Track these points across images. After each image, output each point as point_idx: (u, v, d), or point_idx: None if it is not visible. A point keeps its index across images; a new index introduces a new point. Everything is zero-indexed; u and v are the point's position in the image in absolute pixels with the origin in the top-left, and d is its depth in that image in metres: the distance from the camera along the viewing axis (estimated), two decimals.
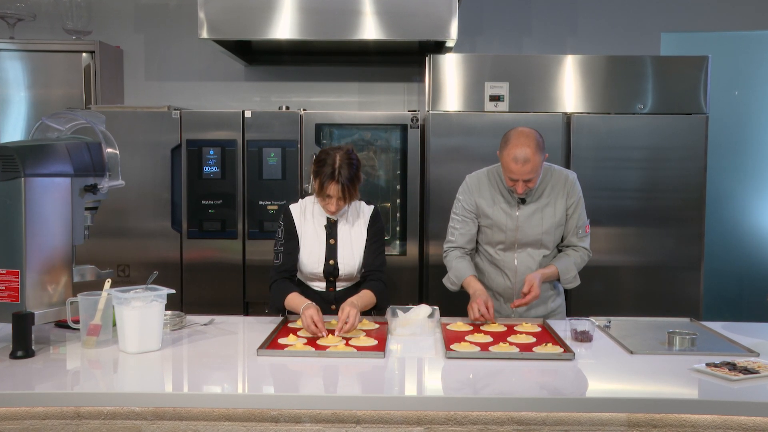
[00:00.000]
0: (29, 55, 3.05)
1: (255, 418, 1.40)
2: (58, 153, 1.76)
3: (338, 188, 1.93)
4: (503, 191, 2.10)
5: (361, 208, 2.09)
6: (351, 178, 1.94)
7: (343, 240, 2.04)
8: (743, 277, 3.63)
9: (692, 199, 2.74)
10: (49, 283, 1.74)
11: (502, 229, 2.09)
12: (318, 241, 2.04)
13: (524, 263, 2.10)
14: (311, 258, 2.03)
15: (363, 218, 2.06)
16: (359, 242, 2.05)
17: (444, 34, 2.70)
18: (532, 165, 1.95)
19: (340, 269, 2.03)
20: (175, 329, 1.91)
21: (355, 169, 1.96)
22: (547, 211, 2.08)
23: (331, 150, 1.98)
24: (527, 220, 2.08)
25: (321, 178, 1.95)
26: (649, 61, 2.76)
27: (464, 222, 2.13)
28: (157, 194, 2.85)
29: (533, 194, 2.08)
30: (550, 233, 2.09)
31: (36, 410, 1.41)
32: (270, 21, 2.72)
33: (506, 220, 2.08)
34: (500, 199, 2.10)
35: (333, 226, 2.05)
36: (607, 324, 1.97)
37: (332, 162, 1.93)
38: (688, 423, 1.39)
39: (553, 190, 2.10)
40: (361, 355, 1.67)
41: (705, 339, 1.86)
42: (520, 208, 2.08)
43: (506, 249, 2.11)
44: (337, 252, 2.03)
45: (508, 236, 2.09)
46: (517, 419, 1.39)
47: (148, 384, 1.56)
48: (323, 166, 1.94)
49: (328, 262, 2.03)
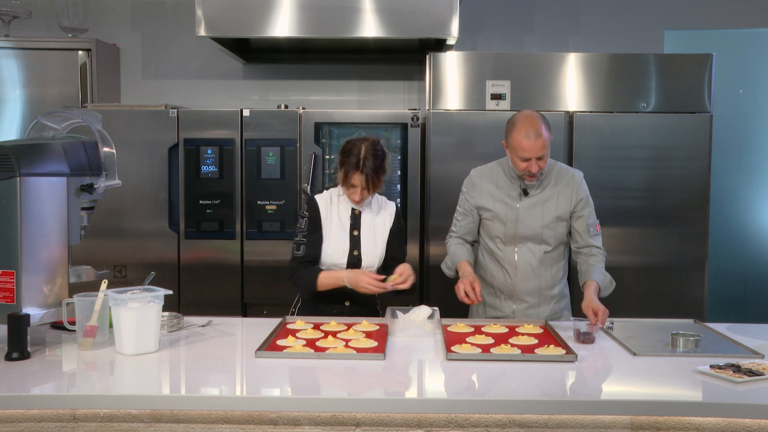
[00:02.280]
0: (25, 53, 3.03)
1: (253, 421, 1.39)
2: (54, 152, 1.74)
3: (362, 178, 1.98)
4: (507, 183, 2.10)
5: (383, 202, 2.14)
6: (375, 169, 1.99)
7: (366, 231, 2.07)
8: (748, 278, 3.62)
9: (696, 198, 2.73)
10: (45, 284, 1.72)
11: (502, 221, 2.09)
12: (343, 231, 2.07)
13: (524, 258, 2.09)
14: (336, 248, 2.05)
15: (387, 212, 2.11)
16: (382, 235, 2.09)
17: (445, 31, 2.69)
18: (543, 141, 1.97)
19: (363, 260, 2.05)
20: (172, 331, 1.90)
21: (380, 161, 2.00)
22: (549, 205, 2.06)
23: (358, 141, 2.03)
24: (528, 212, 2.07)
25: (346, 168, 2.00)
26: (652, 59, 2.75)
27: (465, 216, 2.17)
28: (155, 194, 2.84)
29: (536, 186, 2.07)
30: (551, 228, 2.07)
31: (32, 413, 1.40)
32: (268, 18, 2.70)
33: (507, 212, 2.08)
34: (503, 190, 2.10)
35: (357, 218, 2.08)
36: (609, 325, 1.95)
37: (357, 152, 1.98)
38: (691, 425, 1.38)
39: (557, 185, 2.09)
40: (360, 356, 1.66)
41: (709, 341, 1.85)
42: (521, 200, 2.07)
43: (506, 243, 2.10)
44: (360, 243, 2.06)
45: (509, 228, 2.08)
46: (519, 422, 1.38)
47: (145, 386, 1.55)
48: (349, 156, 1.99)
49: (352, 252, 2.06)
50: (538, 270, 2.08)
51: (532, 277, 2.08)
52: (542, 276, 2.09)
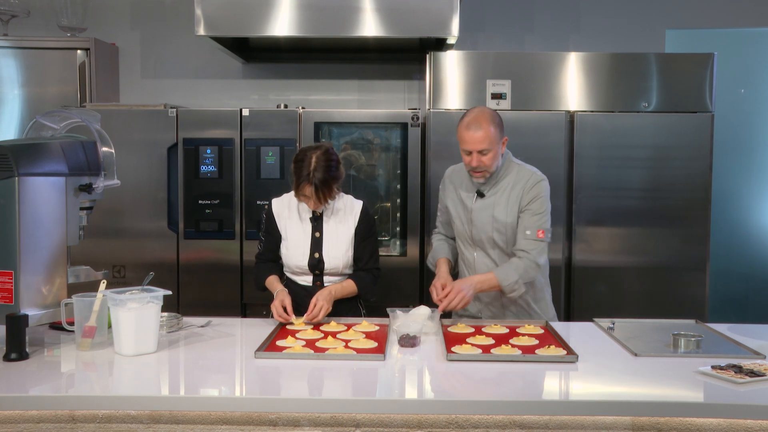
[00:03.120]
0: (23, 53, 3.03)
1: (253, 422, 1.39)
2: (53, 152, 1.74)
3: (312, 190, 1.96)
4: (469, 184, 2.06)
5: (350, 203, 2.10)
6: (325, 180, 1.96)
7: (328, 233, 2.06)
8: (749, 278, 3.61)
9: (697, 198, 2.73)
10: (44, 284, 1.72)
11: (460, 222, 2.07)
12: (303, 234, 2.06)
13: (482, 262, 2.04)
14: (296, 251, 2.05)
15: (352, 214, 2.08)
16: (346, 236, 2.06)
17: (445, 30, 2.68)
18: (485, 133, 1.93)
19: (325, 262, 2.04)
20: (171, 331, 1.89)
21: (333, 170, 1.98)
22: (499, 208, 2.00)
23: (309, 150, 2.00)
24: (479, 214, 2.02)
25: (297, 179, 1.99)
26: (653, 59, 2.74)
27: (441, 212, 2.20)
28: (153, 194, 2.83)
29: (491, 187, 2.02)
30: (501, 232, 2.00)
31: (30, 413, 1.40)
32: (268, 17, 2.69)
33: (463, 213, 2.06)
34: (464, 191, 2.07)
35: (318, 220, 2.07)
36: (611, 326, 1.95)
37: (308, 164, 1.96)
38: (693, 426, 1.38)
39: (513, 188, 2.01)
40: (360, 357, 1.66)
41: (710, 341, 1.84)
42: (475, 202, 2.03)
43: (466, 244, 2.09)
44: (322, 245, 2.05)
45: (464, 230, 2.06)
46: (520, 423, 1.38)
47: (144, 387, 1.54)
48: (300, 167, 1.98)
49: (312, 255, 2.05)
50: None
51: None
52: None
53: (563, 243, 2.74)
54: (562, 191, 2.72)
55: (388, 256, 2.85)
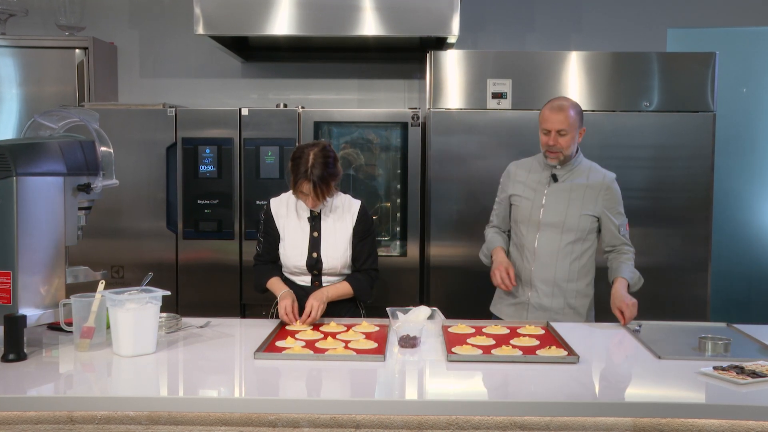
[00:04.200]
0: (21, 52, 3.02)
1: (252, 423, 1.38)
2: (51, 151, 1.73)
3: (310, 186, 1.95)
4: (539, 171, 2.18)
5: (348, 202, 2.10)
6: (323, 177, 1.96)
7: (326, 233, 2.05)
8: (751, 279, 3.60)
9: (699, 198, 2.72)
10: (42, 284, 1.71)
11: (528, 205, 2.15)
12: (302, 233, 2.06)
13: (545, 245, 2.12)
14: (294, 251, 2.04)
15: (349, 213, 2.08)
16: (344, 236, 2.06)
17: (445, 29, 2.67)
18: (565, 115, 2.07)
19: (323, 262, 2.04)
20: (170, 332, 1.88)
21: (331, 167, 1.98)
22: (575, 195, 2.12)
23: (306, 147, 2.00)
24: (554, 198, 2.12)
25: (295, 176, 1.98)
26: (655, 58, 2.73)
27: (499, 204, 2.27)
28: (152, 194, 2.82)
29: (566, 173, 2.13)
30: (573, 218, 2.11)
31: (28, 414, 1.39)
32: (267, 16, 2.69)
33: (534, 196, 2.15)
34: (534, 177, 2.18)
35: (316, 219, 2.06)
36: (637, 328, 1.93)
37: (306, 160, 1.96)
38: (694, 427, 1.37)
39: (588, 180, 2.13)
40: (360, 358, 1.65)
41: (740, 344, 1.79)
42: (549, 186, 2.14)
43: (530, 228, 2.15)
44: (320, 245, 2.04)
45: (533, 214, 2.14)
46: (520, 424, 1.37)
47: (143, 388, 1.54)
48: (298, 164, 1.97)
49: (311, 254, 2.04)
50: (556, 259, 2.10)
51: (550, 265, 2.10)
52: (559, 266, 2.10)
53: None
54: None
55: (388, 256, 2.84)
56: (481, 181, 2.67)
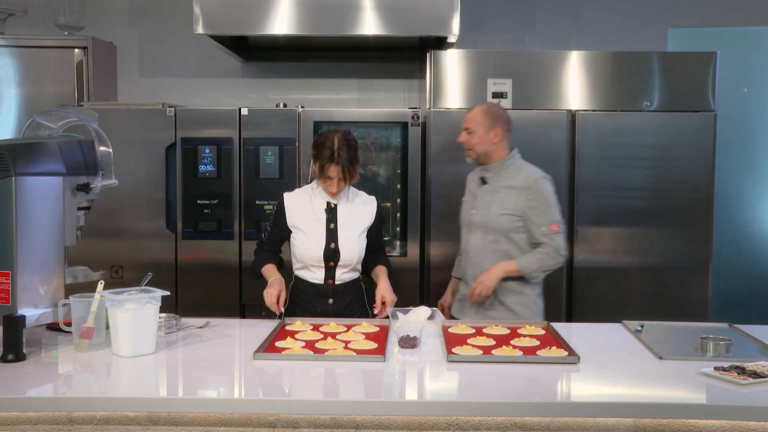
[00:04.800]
0: (20, 51, 3.02)
1: (252, 424, 1.38)
2: (50, 151, 1.73)
3: (338, 169, 1.99)
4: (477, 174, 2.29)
5: (364, 197, 2.15)
6: (350, 159, 2.01)
7: (343, 224, 2.08)
8: (752, 279, 3.59)
9: (700, 198, 2.71)
10: (41, 284, 1.71)
11: (466, 206, 2.29)
12: (318, 225, 2.07)
13: (475, 244, 2.21)
14: (312, 242, 2.05)
15: (368, 208, 2.13)
16: (360, 229, 2.09)
17: (445, 29, 2.66)
18: (472, 115, 2.20)
19: (341, 253, 2.04)
20: (169, 332, 1.88)
21: (354, 150, 2.04)
22: (498, 197, 2.18)
23: (329, 133, 2.05)
24: (482, 199, 2.21)
25: (321, 161, 2.01)
26: (655, 57, 2.73)
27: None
28: (152, 194, 2.82)
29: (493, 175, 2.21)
30: (494, 217, 2.17)
31: (27, 415, 1.39)
32: (267, 16, 2.68)
33: (470, 198, 2.28)
34: (473, 179, 2.31)
35: (333, 211, 2.08)
36: (638, 328, 1.93)
37: (331, 144, 2.00)
38: (696, 428, 1.37)
39: (512, 181, 2.18)
40: (360, 358, 1.65)
41: (741, 345, 1.78)
42: (479, 188, 2.24)
43: (466, 228, 2.27)
44: (337, 236, 2.06)
45: (468, 215, 2.26)
46: (521, 424, 1.37)
47: (142, 388, 1.53)
48: (322, 149, 2.01)
49: (329, 245, 2.05)
50: (483, 257, 2.18)
51: (478, 264, 2.18)
52: (486, 264, 2.16)
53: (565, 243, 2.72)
54: (563, 191, 2.71)
55: (389, 256, 2.83)
56: None
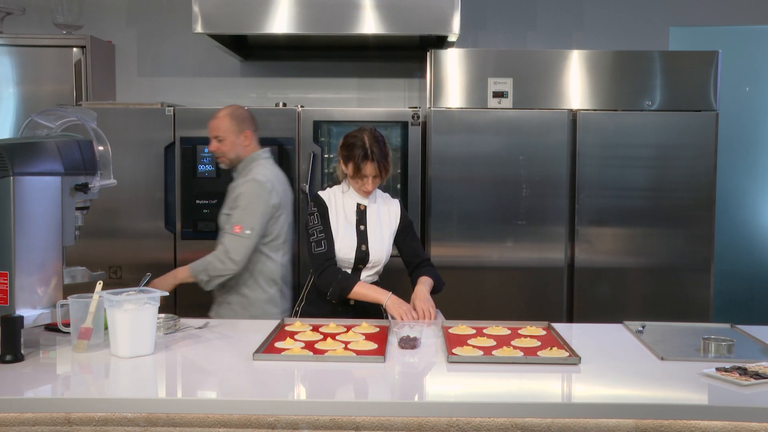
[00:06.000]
0: (18, 50, 3.02)
1: (251, 425, 1.37)
2: (48, 151, 1.72)
3: (374, 166, 2.00)
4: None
5: (388, 199, 2.17)
6: (384, 155, 2.03)
7: (372, 226, 2.09)
8: (754, 279, 3.59)
9: (702, 198, 2.71)
10: (39, 285, 1.70)
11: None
12: (350, 226, 2.07)
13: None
14: (344, 243, 2.06)
15: (392, 209, 2.14)
16: (388, 230, 2.11)
17: (446, 28, 2.66)
18: (218, 122, 2.33)
19: (371, 254, 2.06)
20: (168, 333, 1.87)
21: (385, 146, 2.06)
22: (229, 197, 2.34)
23: (357, 132, 2.06)
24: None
25: (355, 160, 2.01)
26: (657, 57, 2.72)
27: None
28: (150, 194, 2.81)
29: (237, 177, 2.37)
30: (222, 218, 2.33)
31: (25, 416, 1.38)
32: (266, 15, 2.67)
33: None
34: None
35: (363, 213, 2.09)
36: (640, 329, 1.92)
37: (362, 143, 2.02)
38: (697, 429, 1.36)
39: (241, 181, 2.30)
40: (360, 359, 1.64)
41: (743, 345, 1.77)
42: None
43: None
44: (367, 237, 2.07)
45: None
46: (521, 425, 1.36)
47: (141, 389, 1.53)
48: (354, 149, 2.02)
49: (360, 247, 2.06)
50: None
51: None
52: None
53: (565, 243, 2.72)
54: (564, 191, 2.71)
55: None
56: (482, 180, 2.66)
